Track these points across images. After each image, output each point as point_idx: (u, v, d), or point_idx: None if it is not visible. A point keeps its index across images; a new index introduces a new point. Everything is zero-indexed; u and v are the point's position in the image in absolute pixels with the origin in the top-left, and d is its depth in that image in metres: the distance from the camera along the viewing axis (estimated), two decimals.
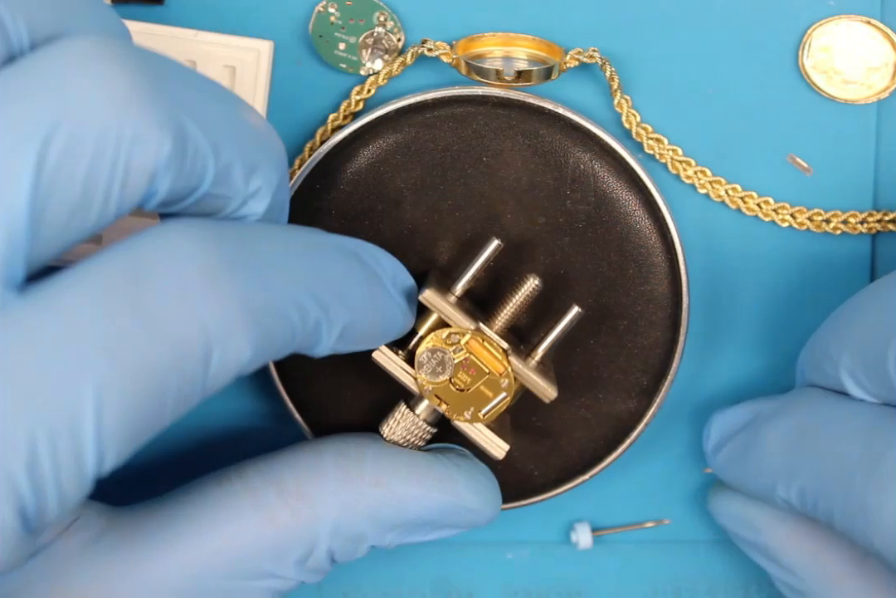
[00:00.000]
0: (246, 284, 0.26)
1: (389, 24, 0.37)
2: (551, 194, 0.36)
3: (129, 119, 0.25)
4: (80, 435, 0.24)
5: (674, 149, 0.38)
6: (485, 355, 0.33)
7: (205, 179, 0.27)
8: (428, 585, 0.40)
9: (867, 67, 0.37)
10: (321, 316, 0.29)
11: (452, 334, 0.33)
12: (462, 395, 0.34)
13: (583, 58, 0.37)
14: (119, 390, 0.25)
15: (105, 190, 0.25)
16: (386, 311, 0.32)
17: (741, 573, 0.40)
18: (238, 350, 0.26)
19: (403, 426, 0.34)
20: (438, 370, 0.33)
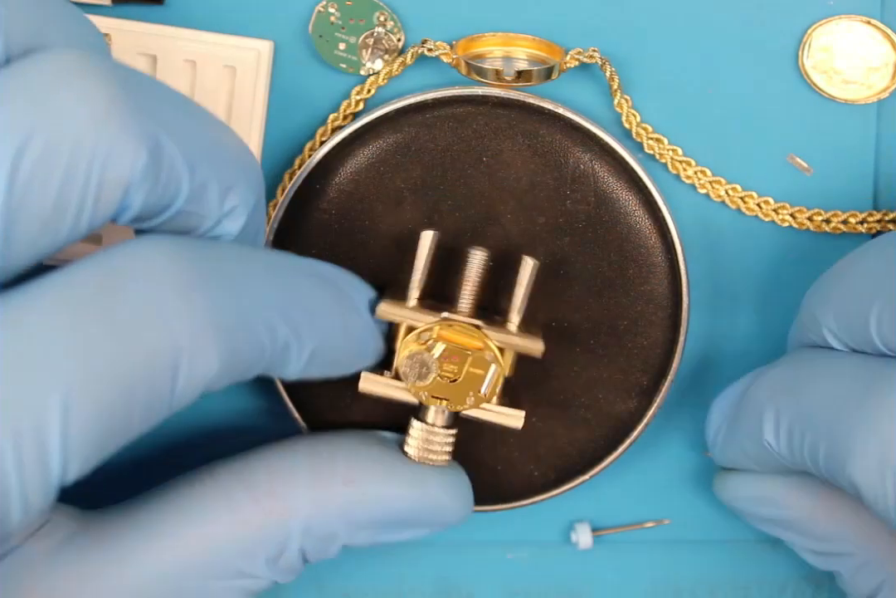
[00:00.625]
0: (216, 300, 0.27)
1: (389, 24, 0.37)
2: (551, 194, 0.36)
3: (105, 132, 0.25)
4: (46, 442, 0.24)
5: (674, 149, 0.38)
6: (460, 339, 0.33)
7: (179, 195, 0.27)
8: (428, 585, 0.40)
9: (867, 67, 0.37)
10: (290, 337, 0.29)
11: (422, 333, 0.34)
12: (456, 385, 0.33)
13: (583, 58, 0.37)
14: (86, 398, 0.25)
15: (78, 203, 0.25)
16: (360, 336, 0.32)
17: (741, 573, 0.40)
18: (206, 364, 0.26)
19: (423, 440, 0.34)
20: (424, 372, 0.33)
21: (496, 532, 0.40)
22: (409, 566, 0.40)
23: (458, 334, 0.33)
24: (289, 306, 0.29)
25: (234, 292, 0.27)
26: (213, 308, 0.27)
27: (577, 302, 0.36)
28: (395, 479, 0.33)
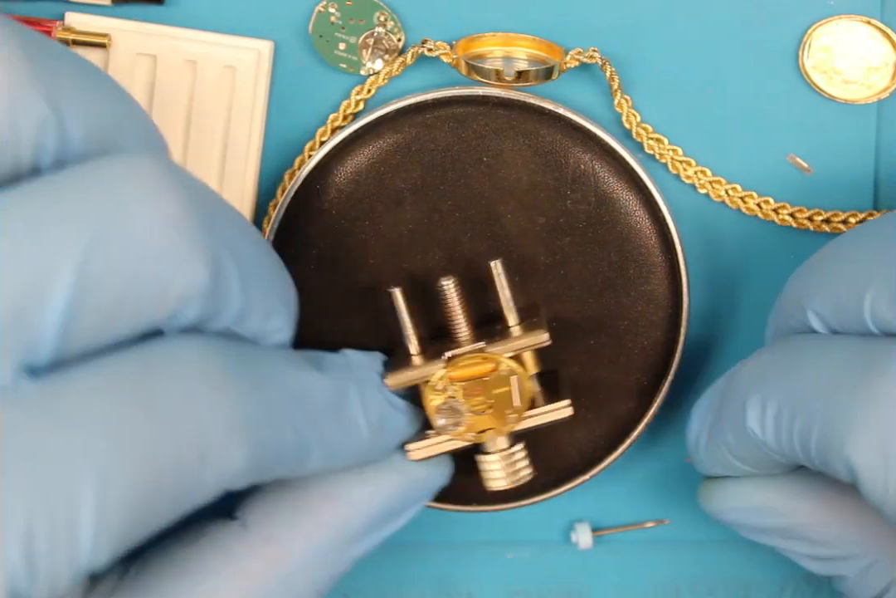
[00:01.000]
0: (246, 398, 0.27)
1: (389, 24, 0.37)
2: (551, 195, 0.36)
3: (175, 244, 0.26)
4: (78, 527, 0.25)
5: (674, 149, 0.38)
6: (471, 371, 0.33)
7: (226, 314, 0.28)
8: (428, 585, 0.40)
9: (867, 67, 0.37)
10: (313, 439, 0.29)
11: (436, 383, 0.33)
12: (493, 411, 0.33)
13: (583, 58, 0.37)
14: (119, 486, 0.25)
15: (135, 307, 0.26)
16: (382, 422, 0.32)
17: (741, 573, 0.40)
18: (232, 460, 0.27)
19: (505, 466, 0.34)
20: (457, 418, 0.33)
21: (496, 532, 0.40)
22: (409, 566, 0.40)
23: (467, 366, 0.33)
24: (311, 409, 0.30)
25: (262, 392, 0.28)
26: (243, 406, 0.27)
27: (577, 302, 0.36)
28: (365, 474, 0.33)
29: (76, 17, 0.36)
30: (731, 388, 0.32)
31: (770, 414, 0.30)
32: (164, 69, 0.36)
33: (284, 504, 0.32)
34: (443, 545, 0.40)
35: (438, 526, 0.40)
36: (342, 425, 0.31)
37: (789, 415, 0.30)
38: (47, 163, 0.27)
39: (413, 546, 0.40)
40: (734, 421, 0.32)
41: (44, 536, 0.24)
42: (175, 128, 0.36)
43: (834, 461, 0.28)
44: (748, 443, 0.31)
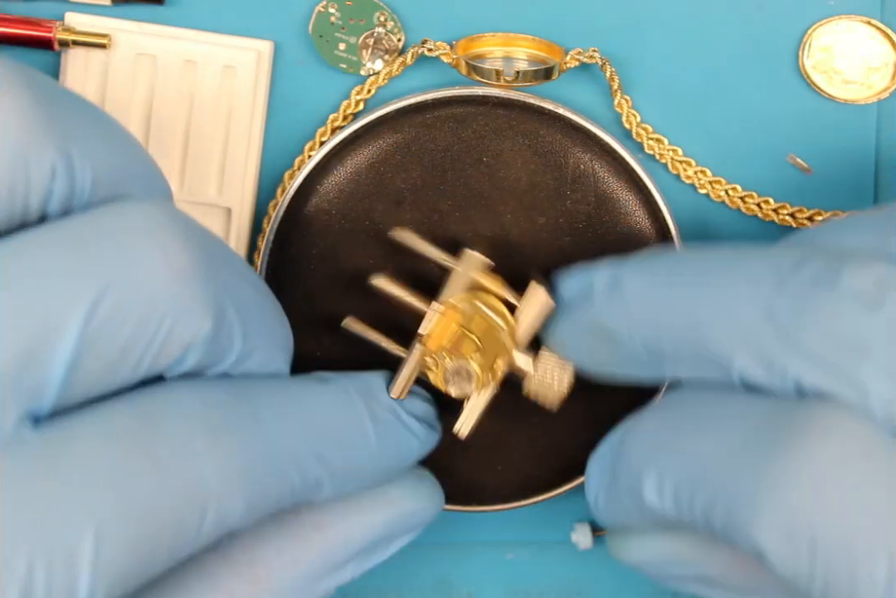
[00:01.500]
0: (247, 443, 0.28)
1: (389, 24, 0.37)
2: (551, 195, 0.36)
3: (180, 295, 0.26)
4: (76, 573, 0.25)
5: (674, 149, 0.38)
6: (442, 330, 0.33)
7: (227, 360, 0.29)
8: (428, 585, 0.40)
9: (867, 67, 0.37)
10: (322, 473, 0.30)
11: (426, 364, 0.34)
12: (485, 345, 0.33)
13: (583, 58, 0.37)
14: (118, 534, 0.25)
15: (140, 355, 0.27)
16: (400, 444, 0.32)
17: None
18: (232, 508, 0.27)
19: (549, 372, 0.34)
20: (464, 373, 0.33)
21: (496, 532, 0.40)
22: (409, 566, 0.40)
23: (437, 330, 0.33)
24: (321, 443, 0.30)
25: (263, 435, 0.28)
26: (243, 452, 0.27)
27: None
28: (360, 505, 0.33)
29: (76, 17, 0.36)
30: (623, 454, 0.31)
31: (668, 488, 0.29)
32: (164, 69, 0.36)
33: (273, 530, 0.32)
34: (443, 545, 0.40)
35: (438, 526, 0.39)
36: (352, 449, 0.31)
37: (689, 490, 0.28)
38: (55, 209, 0.27)
39: (413, 546, 0.39)
40: (630, 489, 0.30)
41: (42, 588, 0.25)
42: (175, 128, 0.36)
43: (739, 540, 0.27)
44: (647, 512, 0.30)
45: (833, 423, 0.26)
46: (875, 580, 0.25)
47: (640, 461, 0.29)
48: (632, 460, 0.30)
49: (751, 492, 0.26)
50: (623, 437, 0.31)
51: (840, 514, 0.25)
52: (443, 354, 0.33)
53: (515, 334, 0.34)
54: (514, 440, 0.37)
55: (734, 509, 0.27)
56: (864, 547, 0.25)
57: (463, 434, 0.34)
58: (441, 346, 0.33)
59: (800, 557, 0.26)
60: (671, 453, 0.29)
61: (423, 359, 0.33)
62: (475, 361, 0.33)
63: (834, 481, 0.26)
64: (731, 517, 0.27)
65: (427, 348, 0.33)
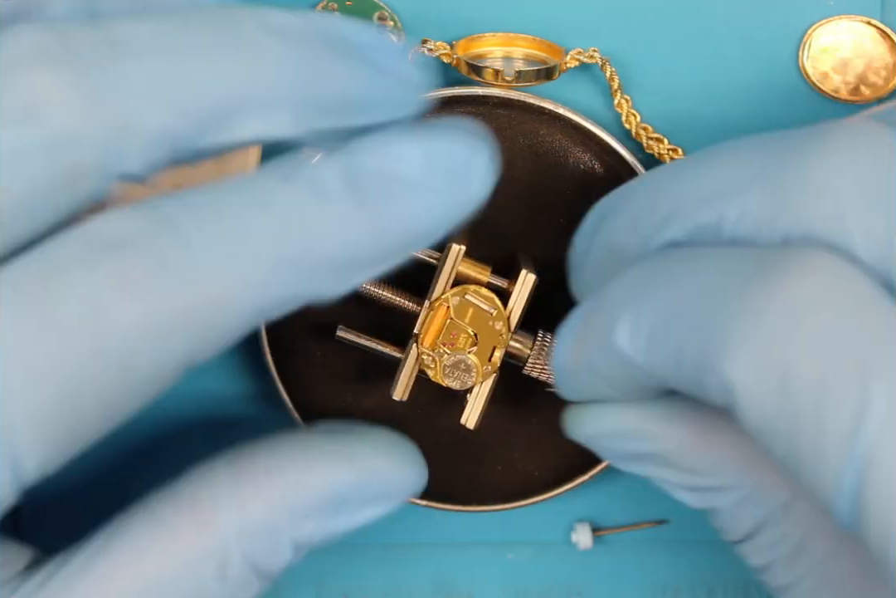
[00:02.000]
0: (173, 283, 0.25)
1: (389, 24, 0.37)
2: (551, 194, 0.36)
3: (58, 118, 0.25)
4: None
5: (674, 149, 0.38)
6: (433, 326, 0.34)
7: (181, 139, 0.26)
8: (428, 585, 0.40)
9: (867, 67, 0.37)
10: (301, 285, 0.26)
11: (423, 363, 0.34)
12: (481, 335, 0.34)
13: (583, 58, 0.37)
14: (25, 390, 0.24)
15: (42, 190, 0.25)
16: (413, 209, 0.27)
17: (741, 573, 0.40)
18: (173, 352, 0.26)
19: (539, 355, 0.35)
20: (463, 366, 0.34)
21: (496, 532, 0.40)
22: (409, 566, 0.40)
23: (428, 327, 0.34)
24: (282, 243, 0.26)
25: (191, 264, 0.25)
26: (168, 296, 0.25)
27: (577, 302, 0.36)
28: (320, 456, 0.31)
29: None
30: (598, 305, 0.29)
31: (641, 330, 0.27)
32: None
33: (223, 472, 0.31)
34: (443, 545, 0.40)
35: (438, 526, 0.40)
36: None
37: (663, 329, 0.27)
38: None
39: (413, 546, 0.40)
40: (601, 339, 0.28)
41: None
42: None
43: (708, 381, 0.26)
44: (616, 363, 0.28)
45: (815, 261, 0.25)
46: (841, 418, 0.24)
47: (616, 306, 0.28)
48: (607, 306, 0.29)
49: (725, 327, 0.25)
50: (600, 292, 0.29)
51: (815, 349, 0.24)
52: (439, 350, 0.33)
53: (509, 320, 0.34)
54: (514, 440, 0.37)
55: (706, 345, 0.26)
56: (836, 384, 0.24)
57: (471, 425, 0.34)
58: (435, 342, 0.33)
59: (768, 393, 0.25)
60: (647, 296, 0.28)
61: (421, 358, 0.34)
62: (472, 352, 0.33)
63: (812, 316, 0.25)
64: (703, 354, 0.26)
65: (422, 346, 0.33)
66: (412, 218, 0.27)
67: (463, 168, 0.27)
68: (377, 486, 0.32)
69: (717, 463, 0.30)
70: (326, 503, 0.31)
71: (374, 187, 0.26)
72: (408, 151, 0.27)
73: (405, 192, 0.26)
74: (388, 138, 0.27)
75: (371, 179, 0.26)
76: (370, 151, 0.27)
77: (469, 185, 0.27)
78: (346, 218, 0.26)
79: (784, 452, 0.25)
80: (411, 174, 0.26)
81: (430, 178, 0.27)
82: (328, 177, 0.26)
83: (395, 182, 0.26)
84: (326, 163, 0.26)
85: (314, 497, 0.31)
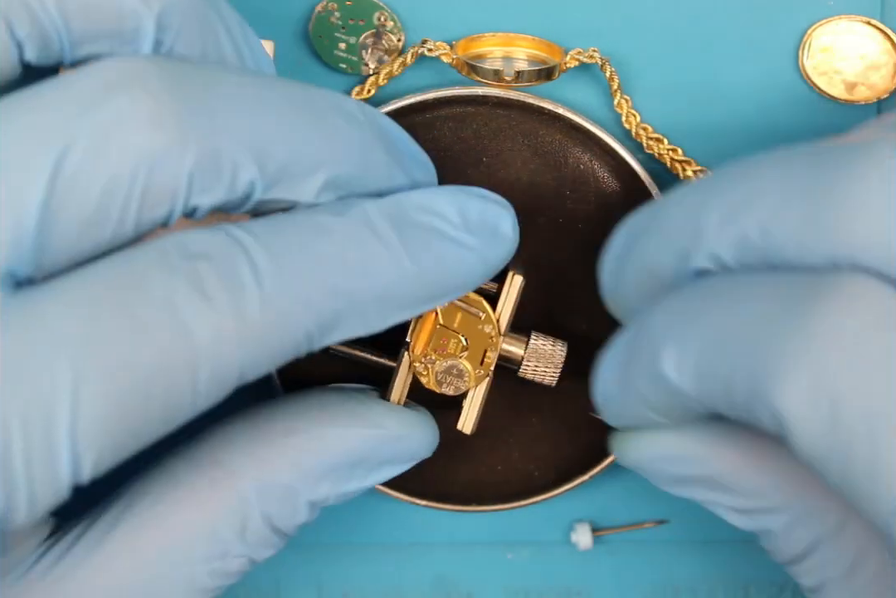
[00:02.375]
0: (239, 296, 0.26)
1: (389, 24, 0.37)
2: (551, 194, 0.36)
3: (150, 139, 0.26)
4: (55, 430, 0.24)
5: (674, 149, 0.38)
6: (423, 333, 0.33)
7: (254, 188, 0.28)
8: (428, 585, 0.40)
9: (867, 67, 0.37)
10: (343, 306, 0.28)
11: (417, 369, 0.34)
12: (472, 339, 0.34)
13: (583, 58, 0.37)
14: (97, 387, 0.25)
15: (121, 207, 0.26)
16: (447, 261, 0.30)
17: (741, 573, 0.40)
18: (229, 364, 0.26)
19: (536, 359, 0.35)
20: (456, 371, 0.33)
21: (496, 532, 0.40)
22: (409, 566, 0.40)
23: (418, 334, 0.33)
24: (334, 274, 0.28)
25: (265, 283, 0.27)
26: (235, 306, 0.26)
27: (576, 304, 0.36)
28: (336, 417, 0.32)
29: None
30: (641, 335, 0.29)
31: (688, 360, 0.27)
32: None
33: (242, 434, 0.31)
34: (443, 545, 0.40)
35: (438, 526, 0.40)
36: (378, 277, 0.28)
37: (710, 360, 0.27)
38: (35, 58, 0.28)
39: (413, 546, 0.40)
40: (648, 369, 0.29)
41: (19, 446, 0.24)
42: None
43: (759, 408, 0.26)
44: (664, 392, 0.28)
45: (862, 288, 0.25)
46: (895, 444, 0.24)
47: (660, 336, 0.28)
48: (651, 335, 0.29)
49: (774, 354, 0.25)
50: (642, 320, 0.29)
51: (866, 377, 0.24)
52: (431, 356, 0.33)
53: (498, 323, 0.34)
54: (514, 440, 0.37)
55: (756, 374, 0.26)
56: (888, 410, 0.24)
57: (468, 430, 0.34)
58: (426, 349, 0.33)
59: (821, 421, 0.25)
60: (692, 325, 0.28)
61: (413, 365, 0.33)
62: (464, 357, 0.33)
63: (861, 346, 0.25)
64: (753, 383, 0.26)
65: (413, 353, 0.33)
66: (448, 268, 0.29)
67: (493, 229, 0.30)
68: (390, 448, 0.32)
69: (767, 485, 0.30)
70: (342, 465, 0.32)
71: (416, 234, 0.29)
72: (446, 207, 0.29)
73: (443, 244, 0.29)
74: (428, 194, 0.29)
75: (414, 226, 0.29)
76: (413, 202, 0.29)
77: (498, 245, 0.30)
78: (394, 255, 0.28)
79: (838, 479, 0.25)
80: (448, 229, 0.29)
81: (464, 234, 0.29)
82: (377, 216, 0.28)
83: (434, 233, 0.29)
84: (374, 204, 0.29)
85: (332, 459, 0.31)
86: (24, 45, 0.28)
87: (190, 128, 0.26)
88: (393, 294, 0.28)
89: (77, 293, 0.25)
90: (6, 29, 0.27)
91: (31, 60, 0.29)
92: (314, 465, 0.31)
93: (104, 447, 0.25)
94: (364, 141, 0.29)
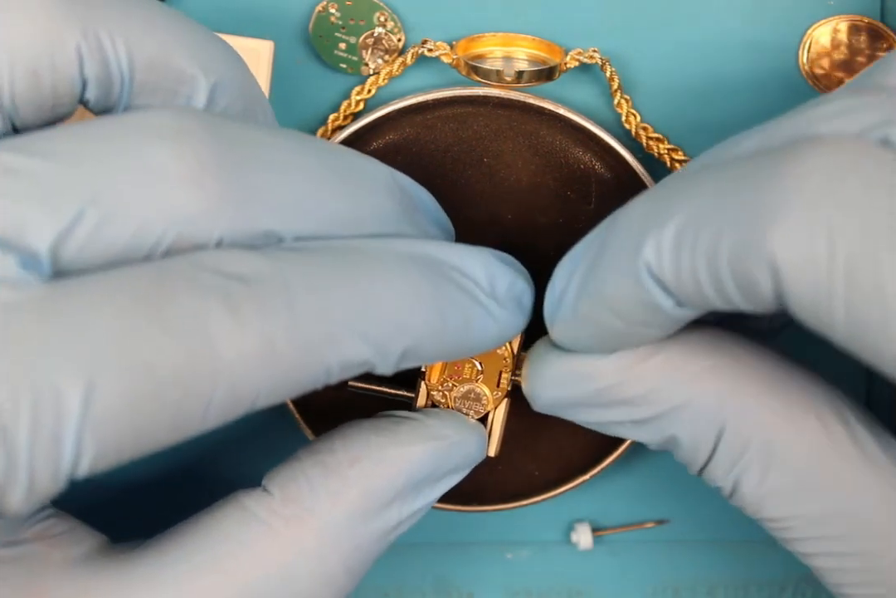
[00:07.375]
0: (269, 318, 0.26)
1: (389, 24, 0.37)
2: (551, 195, 0.36)
3: (187, 198, 0.26)
4: (64, 412, 0.24)
5: (674, 149, 0.38)
6: (437, 365, 0.33)
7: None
8: (428, 585, 0.40)
9: (867, 67, 0.37)
10: (367, 352, 0.28)
11: (434, 400, 0.34)
12: (486, 364, 0.33)
13: (583, 58, 0.37)
14: (113, 382, 0.25)
15: (149, 250, 0.26)
16: (472, 323, 0.30)
17: (741, 573, 0.40)
18: (249, 385, 0.26)
19: None
20: (474, 395, 0.33)
21: (496, 532, 0.40)
22: (409, 566, 0.40)
23: (438, 366, 0.33)
24: (365, 319, 0.28)
25: (294, 308, 0.27)
26: (263, 328, 0.26)
27: None
28: (395, 438, 0.32)
29: None
30: (616, 228, 0.28)
31: (668, 239, 0.26)
32: None
33: (308, 468, 0.31)
34: (443, 545, 0.40)
35: (438, 526, 0.40)
36: (407, 328, 0.28)
37: (693, 230, 0.25)
38: (95, 98, 0.29)
39: (413, 546, 0.40)
40: (623, 262, 0.27)
41: (26, 423, 0.24)
42: None
43: (752, 268, 0.24)
44: (637, 287, 0.27)
45: (841, 139, 0.25)
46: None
47: (639, 223, 0.27)
48: (629, 225, 0.27)
49: (764, 201, 0.24)
50: (614, 218, 0.28)
51: (860, 213, 0.23)
52: (448, 383, 0.33)
53: (511, 344, 0.34)
54: (514, 440, 0.37)
55: (748, 225, 0.24)
56: (889, 243, 0.23)
57: (492, 453, 0.34)
58: (442, 377, 0.33)
59: (818, 261, 0.23)
60: (671, 204, 0.26)
61: (431, 394, 0.33)
62: (480, 381, 0.33)
63: (851, 178, 0.24)
64: (744, 235, 0.24)
65: (429, 382, 0.33)
66: (472, 333, 0.29)
67: (518, 302, 0.30)
68: (453, 456, 0.32)
69: (656, 386, 0.29)
70: (413, 484, 0.32)
71: (451, 293, 0.29)
72: (479, 271, 0.29)
73: (474, 309, 0.29)
74: (459, 253, 0.29)
75: (449, 283, 0.29)
76: (446, 260, 0.29)
77: (519, 318, 0.30)
78: (427, 310, 0.28)
79: (842, 328, 0.24)
80: (480, 295, 0.29)
81: (493, 303, 0.30)
82: (410, 261, 0.29)
83: (467, 296, 0.29)
84: (409, 246, 0.29)
85: (402, 480, 0.31)
86: (89, 84, 0.28)
87: (228, 191, 0.26)
88: (416, 347, 0.28)
89: (110, 289, 0.25)
90: (78, 64, 0.28)
91: (89, 99, 0.29)
92: (385, 491, 0.31)
93: (107, 444, 0.25)
94: (392, 207, 0.30)
